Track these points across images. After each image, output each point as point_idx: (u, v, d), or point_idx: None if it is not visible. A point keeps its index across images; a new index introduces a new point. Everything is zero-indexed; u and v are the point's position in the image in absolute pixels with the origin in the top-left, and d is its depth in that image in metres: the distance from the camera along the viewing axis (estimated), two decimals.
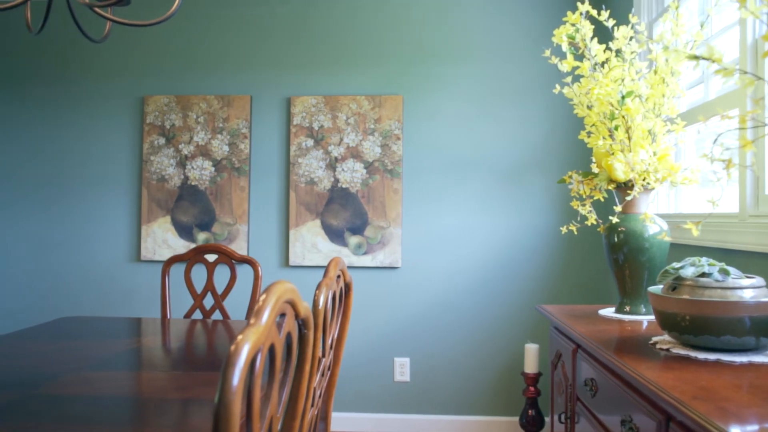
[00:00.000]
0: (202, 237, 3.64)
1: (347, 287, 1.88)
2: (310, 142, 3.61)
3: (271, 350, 0.93)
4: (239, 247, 3.62)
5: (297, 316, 1.07)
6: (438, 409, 3.60)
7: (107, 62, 3.81)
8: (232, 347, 0.78)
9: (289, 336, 1.05)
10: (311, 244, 3.59)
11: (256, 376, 0.85)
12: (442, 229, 3.61)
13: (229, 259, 2.89)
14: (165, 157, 3.68)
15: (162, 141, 3.69)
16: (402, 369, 3.61)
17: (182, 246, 3.66)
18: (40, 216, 3.83)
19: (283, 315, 0.99)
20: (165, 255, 3.67)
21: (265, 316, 0.87)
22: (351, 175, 3.58)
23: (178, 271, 3.65)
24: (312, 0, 3.69)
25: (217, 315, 3.61)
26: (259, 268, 2.83)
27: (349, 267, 3.61)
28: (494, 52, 3.61)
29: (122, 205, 3.77)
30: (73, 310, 3.80)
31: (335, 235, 3.58)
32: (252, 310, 2.57)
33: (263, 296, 0.90)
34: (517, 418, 3.56)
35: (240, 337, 0.80)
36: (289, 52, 3.70)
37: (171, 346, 2.19)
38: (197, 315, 3.72)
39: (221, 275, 3.61)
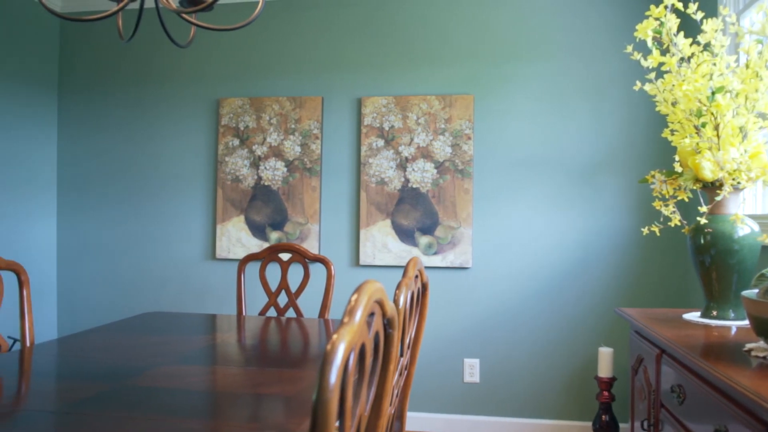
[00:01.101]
0: (274, 236, 3.71)
1: (424, 287, 1.88)
2: (381, 143, 3.63)
3: (361, 349, 0.94)
4: (311, 247, 3.67)
5: (384, 315, 1.07)
6: (508, 411, 3.56)
7: (184, 67, 3.93)
8: (329, 346, 0.79)
9: (376, 335, 1.05)
10: (381, 243, 3.61)
11: (349, 374, 0.86)
12: (513, 229, 3.56)
13: (303, 258, 2.94)
14: (239, 158, 3.77)
15: (236, 142, 3.78)
16: (472, 370, 3.58)
17: (255, 245, 3.74)
18: (122, 215, 4.00)
19: (371, 314, 1.00)
20: (239, 253, 3.76)
21: (358, 315, 0.87)
22: (421, 175, 3.58)
23: (251, 269, 3.74)
24: (383, 1, 3.71)
25: (290, 313, 3.68)
26: (332, 267, 2.87)
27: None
28: (567, 49, 3.53)
29: (198, 205, 3.89)
30: (153, 305, 3.94)
31: (405, 235, 3.58)
32: (325, 308, 2.61)
33: (355, 296, 0.90)
34: (590, 423, 3.47)
35: (335, 336, 0.81)
36: (360, 53, 3.73)
37: (248, 343, 2.24)
38: (271, 312, 3.79)
39: (294, 274, 3.67)
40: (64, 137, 4.08)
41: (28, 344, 2.28)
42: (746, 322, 1.84)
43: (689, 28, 2.73)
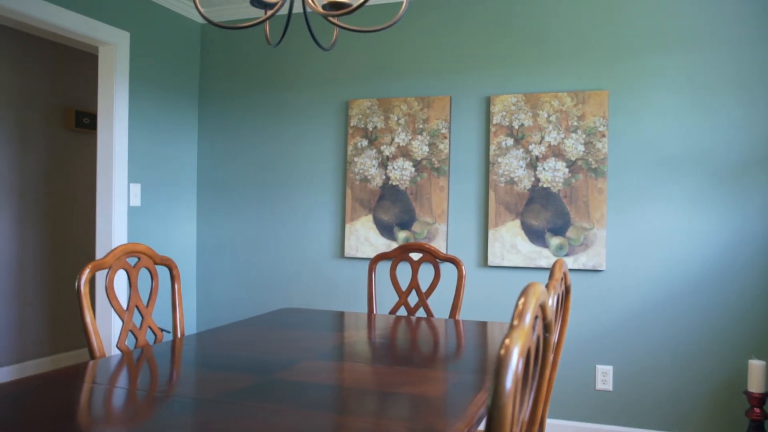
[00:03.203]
0: (402, 236, 3.74)
1: (566, 290, 1.82)
2: (510, 141, 3.56)
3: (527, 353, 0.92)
4: (438, 246, 3.66)
5: (544, 319, 1.04)
6: (643, 422, 3.38)
7: (315, 70, 4.05)
8: (502, 351, 0.77)
9: (537, 339, 1.02)
10: (510, 244, 3.54)
11: (517, 379, 0.84)
12: (651, 231, 3.38)
13: (434, 257, 2.93)
14: (368, 158, 3.84)
15: (365, 143, 3.85)
16: (604, 377, 3.44)
17: (383, 244, 3.79)
18: (255, 214, 4.18)
19: (535, 318, 0.97)
20: (367, 252, 3.82)
21: (528, 318, 0.85)
22: (552, 174, 3.48)
23: (381, 267, 3.79)
24: None
25: (420, 312, 3.69)
26: (463, 268, 2.84)
27: (549, 269, 3.51)
28: (711, 38, 3.30)
29: (328, 204, 4.00)
30: (283, 301, 4.09)
31: (535, 236, 3.50)
32: (456, 309, 2.58)
33: (522, 299, 0.88)
34: None
35: (507, 340, 0.79)
36: (488, 51, 3.68)
37: (383, 342, 2.26)
38: (401, 311, 3.83)
39: (423, 273, 3.68)
40: (203, 140, 4.33)
41: (179, 335, 2.42)
42: None
43: None
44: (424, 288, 3.66)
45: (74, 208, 5.11)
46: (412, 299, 3.57)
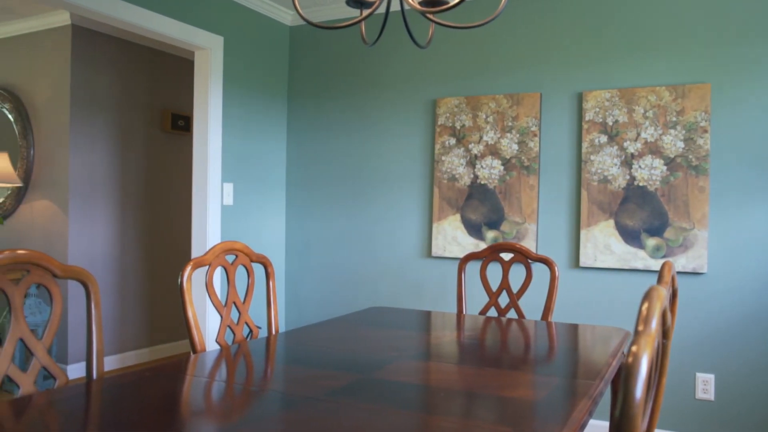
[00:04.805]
0: (490, 235, 3.69)
1: (673, 294, 1.73)
2: (603, 139, 3.44)
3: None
4: (527, 246, 3.59)
5: (663, 324, 0.99)
6: None
7: (403, 69, 4.05)
8: (630, 358, 0.74)
9: (656, 346, 0.98)
10: (603, 245, 3.42)
11: (646, 388, 0.80)
12: (758, 231, 3.18)
13: (525, 258, 2.87)
14: (455, 157, 3.80)
15: (452, 141, 3.82)
16: (705, 386, 3.27)
17: (470, 244, 3.74)
18: (342, 212, 4.23)
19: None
20: (454, 252, 3.79)
21: (654, 324, 0.81)
22: (649, 172, 3.33)
23: (470, 268, 3.75)
24: None
25: (511, 313, 3.63)
26: (556, 268, 2.77)
27: (645, 271, 3.37)
28: None
29: (415, 203, 3.99)
30: (370, 300, 4.12)
31: (630, 237, 3.36)
32: (548, 310, 2.51)
33: (646, 304, 0.84)
34: None
35: (635, 347, 0.75)
36: (580, 45, 3.57)
37: (476, 342, 2.23)
38: (491, 312, 3.78)
39: (512, 274, 3.61)
40: (291, 140, 4.42)
41: (273, 332, 2.48)
42: None
43: None
44: (514, 289, 3.59)
45: (170, 206, 5.33)
46: (503, 300, 3.52)
